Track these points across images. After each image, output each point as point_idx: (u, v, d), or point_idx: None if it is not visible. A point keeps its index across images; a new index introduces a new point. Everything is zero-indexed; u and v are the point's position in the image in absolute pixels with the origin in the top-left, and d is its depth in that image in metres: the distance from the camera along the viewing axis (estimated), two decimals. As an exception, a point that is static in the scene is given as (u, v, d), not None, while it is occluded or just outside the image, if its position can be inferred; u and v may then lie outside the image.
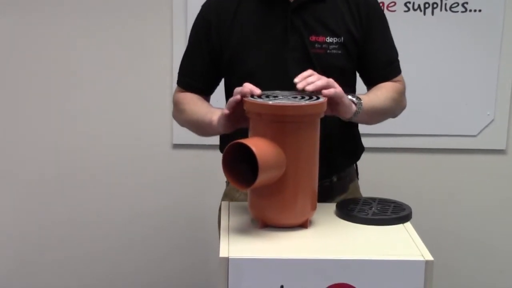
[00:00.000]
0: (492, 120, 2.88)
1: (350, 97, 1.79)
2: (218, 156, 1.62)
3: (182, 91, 2.03)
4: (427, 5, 2.78)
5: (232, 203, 1.89)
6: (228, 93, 1.97)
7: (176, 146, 2.89)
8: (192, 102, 1.97)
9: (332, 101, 1.72)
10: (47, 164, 2.90)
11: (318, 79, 1.70)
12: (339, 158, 2.02)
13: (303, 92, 1.69)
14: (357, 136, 2.09)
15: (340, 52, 1.91)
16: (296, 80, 1.69)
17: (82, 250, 2.97)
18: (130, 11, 2.79)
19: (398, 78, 2.02)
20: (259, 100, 1.65)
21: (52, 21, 2.79)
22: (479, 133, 2.89)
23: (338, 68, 1.92)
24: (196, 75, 2.01)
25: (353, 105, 1.78)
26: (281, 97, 1.67)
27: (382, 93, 1.94)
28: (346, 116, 1.78)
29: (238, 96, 1.68)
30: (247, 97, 1.66)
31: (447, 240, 2.98)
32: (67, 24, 2.79)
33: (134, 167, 2.91)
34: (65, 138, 2.88)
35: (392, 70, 2.01)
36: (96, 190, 2.92)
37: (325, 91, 1.68)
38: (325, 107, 1.66)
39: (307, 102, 1.64)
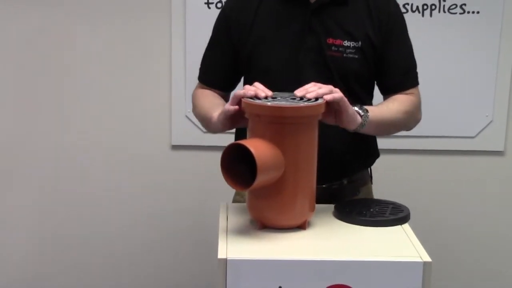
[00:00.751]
0: (491, 122, 2.88)
1: (356, 108, 1.76)
2: (217, 157, 1.62)
3: (202, 87, 2.04)
4: (425, 7, 2.78)
5: (230, 205, 1.89)
6: None
7: (175, 147, 2.89)
8: (205, 97, 1.98)
9: (337, 108, 1.70)
10: (44, 165, 2.90)
11: (319, 88, 1.68)
12: (351, 162, 1.99)
13: None
14: (371, 142, 2.05)
15: (356, 56, 1.89)
16: (296, 92, 1.68)
17: (79, 251, 2.97)
18: (129, 12, 2.79)
19: (413, 90, 1.98)
20: (257, 101, 1.65)
21: (51, 21, 2.79)
22: (477, 135, 2.90)
23: (354, 72, 1.91)
24: (215, 71, 2.02)
25: (358, 117, 1.75)
26: (279, 99, 1.67)
27: (394, 105, 1.91)
28: (351, 127, 1.75)
29: (241, 92, 1.68)
30: (252, 98, 1.67)
31: (445, 241, 2.98)
32: (66, 25, 2.79)
33: (132, 168, 2.91)
34: (63, 139, 2.88)
35: (408, 79, 1.98)
36: (94, 191, 2.92)
37: (326, 96, 1.67)
38: (323, 109, 1.66)
39: (306, 103, 1.64)
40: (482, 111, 2.88)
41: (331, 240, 1.67)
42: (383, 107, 1.89)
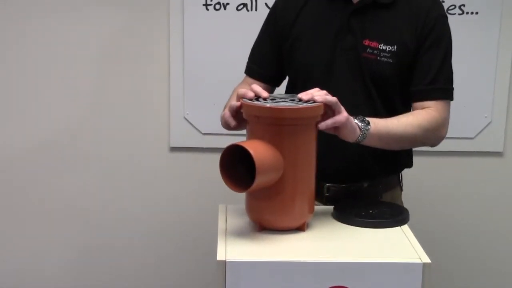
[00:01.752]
0: (490, 123, 2.88)
1: (356, 120, 1.72)
2: (215, 158, 1.62)
3: (246, 81, 2.04)
4: (424, 8, 2.78)
5: (229, 206, 1.88)
6: (288, 85, 2.04)
7: (174, 149, 2.89)
8: (234, 94, 1.97)
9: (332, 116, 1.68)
10: (42, 166, 2.90)
11: (326, 94, 1.66)
12: (372, 165, 1.96)
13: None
14: (400, 150, 1.97)
15: (391, 61, 1.88)
16: (299, 95, 1.67)
17: (76, 251, 2.98)
18: (127, 14, 2.79)
19: (436, 103, 1.89)
20: (256, 102, 1.65)
21: (49, 22, 2.79)
22: (476, 136, 2.89)
23: (387, 76, 1.89)
24: (261, 62, 2.04)
25: (358, 129, 1.72)
26: (278, 100, 1.67)
27: (408, 119, 1.85)
28: (349, 138, 1.71)
29: (239, 103, 1.68)
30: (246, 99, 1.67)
31: (445, 243, 2.98)
32: (65, 25, 2.79)
33: (131, 170, 2.91)
34: (61, 141, 2.88)
35: (432, 90, 1.89)
36: (93, 193, 2.92)
37: (321, 124, 1.64)
38: (322, 110, 1.65)
39: (305, 105, 1.64)
40: (481, 112, 2.87)
41: (331, 241, 1.66)
42: (392, 120, 1.84)
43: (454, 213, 2.99)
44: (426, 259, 1.55)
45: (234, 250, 1.57)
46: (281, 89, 2.08)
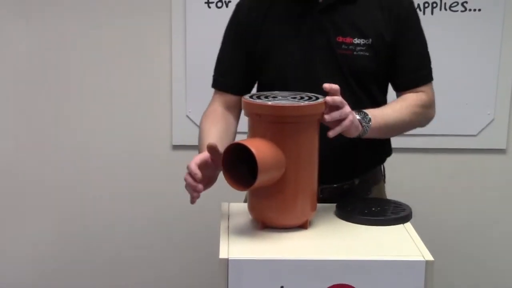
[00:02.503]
0: (492, 120, 2.88)
1: (358, 117, 1.73)
2: (217, 157, 1.62)
3: (217, 95, 2.01)
4: (426, 5, 2.77)
5: (231, 204, 1.88)
6: (262, 89, 1.99)
7: (176, 147, 2.89)
8: (209, 124, 1.93)
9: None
10: (45, 165, 2.90)
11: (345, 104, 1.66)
12: (362, 161, 1.97)
13: (302, 93, 1.69)
14: (383, 139, 1.99)
15: (367, 54, 1.87)
16: (325, 85, 1.65)
17: (79, 250, 2.98)
18: (130, 13, 2.79)
19: (425, 87, 1.94)
20: (258, 100, 1.64)
21: (50, 22, 2.79)
22: (479, 133, 2.89)
23: (365, 70, 1.89)
24: (228, 72, 2.00)
25: (360, 125, 1.72)
26: (280, 98, 1.66)
27: (402, 106, 1.87)
28: (352, 135, 1.72)
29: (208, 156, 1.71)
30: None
31: (447, 240, 2.98)
32: (66, 25, 2.79)
33: (133, 168, 2.91)
34: (64, 140, 2.88)
35: (420, 77, 1.94)
36: (95, 191, 2.92)
37: (344, 122, 1.65)
38: (323, 108, 1.65)
39: (306, 102, 1.63)
40: (484, 109, 2.87)
41: (333, 239, 1.66)
42: (388, 110, 1.86)
43: (456, 210, 2.99)
44: (429, 257, 1.54)
45: (236, 248, 1.57)
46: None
